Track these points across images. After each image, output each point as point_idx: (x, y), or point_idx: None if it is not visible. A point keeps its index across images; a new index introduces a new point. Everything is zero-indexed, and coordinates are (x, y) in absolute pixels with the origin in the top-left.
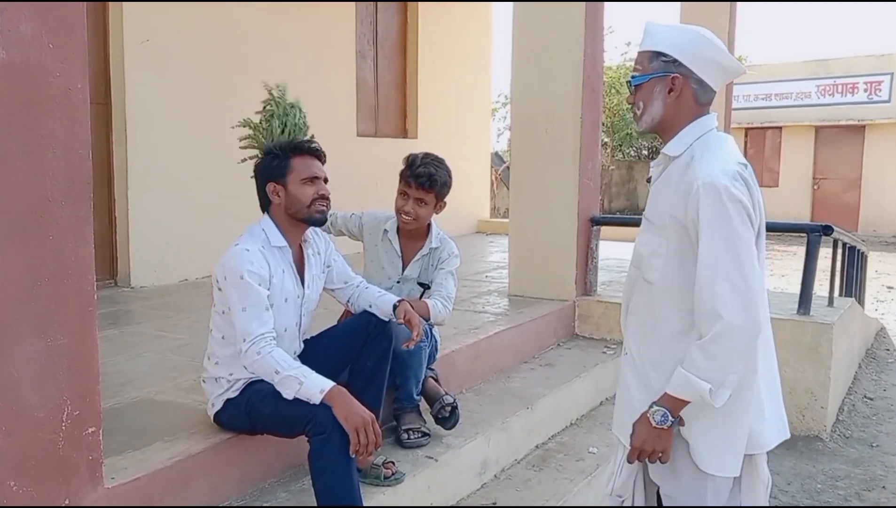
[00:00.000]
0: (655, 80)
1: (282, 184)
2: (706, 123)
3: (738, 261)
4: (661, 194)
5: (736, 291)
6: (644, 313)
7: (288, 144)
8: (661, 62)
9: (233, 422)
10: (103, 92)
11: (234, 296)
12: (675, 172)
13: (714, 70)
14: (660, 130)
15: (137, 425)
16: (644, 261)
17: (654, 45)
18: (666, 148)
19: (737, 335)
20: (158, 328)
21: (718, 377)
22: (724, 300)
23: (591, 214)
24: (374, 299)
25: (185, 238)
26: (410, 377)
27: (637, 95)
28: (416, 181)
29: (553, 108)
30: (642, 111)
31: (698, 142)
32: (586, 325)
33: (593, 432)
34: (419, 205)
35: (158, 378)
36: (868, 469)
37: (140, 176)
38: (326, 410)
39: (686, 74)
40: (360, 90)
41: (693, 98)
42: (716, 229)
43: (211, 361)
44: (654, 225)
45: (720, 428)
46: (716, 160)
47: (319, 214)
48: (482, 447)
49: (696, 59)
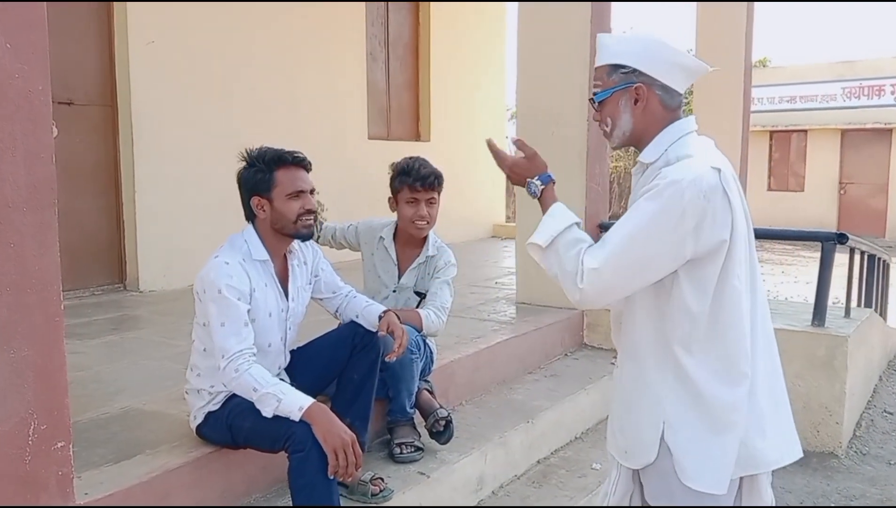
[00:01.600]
0: (618, 93)
1: (266, 198)
2: (682, 126)
3: (627, 253)
4: (635, 201)
5: (607, 259)
6: (628, 327)
7: (272, 157)
8: (620, 74)
9: (215, 436)
10: (109, 94)
11: (213, 310)
12: (649, 179)
13: (676, 72)
14: (633, 143)
15: (121, 437)
16: None
17: (609, 59)
18: (642, 155)
19: (572, 291)
20: (160, 334)
21: (549, 256)
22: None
23: (599, 219)
24: (360, 310)
25: (193, 242)
26: (402, 389)
27: (603, 112)
28: (423, 183)
29: (559, 110)
30: (612, 127)
31: (673, 146)
32: (595, 334)
33: (598, 446)
34: (430, 206)
35: (151, 387)
36: (885, 489)
37: (148, 179)
38: (305, 427)
39: (648, 81)
40: (372, 92)
41: (660, 105)
42: (637, 209)
43: (193, 373)
44: None
45: (705, 441)
46: (687, 164)
47: (306, 229)
48: (478, 462)
49: (654, 64)
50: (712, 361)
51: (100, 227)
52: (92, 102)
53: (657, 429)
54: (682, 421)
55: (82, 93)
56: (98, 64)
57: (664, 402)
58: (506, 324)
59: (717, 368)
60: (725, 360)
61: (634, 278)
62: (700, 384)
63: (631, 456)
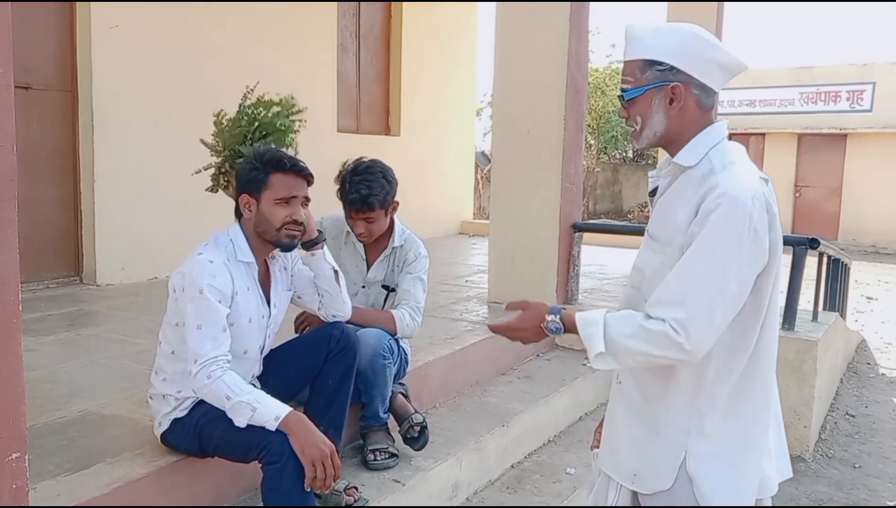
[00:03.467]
0: (652, 91)
1: (255, 198)
2: (718, 130)
3: (718, 289)
4: (668, 208)
5: (697, 309)
6: None
7: (270, 158)
8: (656, 71)
9: (181, 444)
10: (69, 79)
11: (191, 311)
12: (689, 185)
13: (715, 71)
14: (664, 144)
15: (80, 443)
16: (646, 281)
17: (644, 53)
18: (678, 157)
19: (671, 349)
20: (119, 331)
21: (618, 353)
22: (681, 316)
23: (573, 219)
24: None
25: (154, 234)
26: (375, 396)
27: (632, 110)
28: (352, 208)
29: (536, 109)
30: (641, 127)
31: (714, 150)
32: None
33: (571, 450)
34: (369, 223)
35: (110, 389)
36: (851, 493)
37: (108, 168)
38: (282, 437)
39: (686, 80)
40: (342, 85)
41: (697, 105)
42: (714, 241)
43: (158, 376)
44: (658, 242)
45: (733, 469)
46: (740, 173)
47: (288, 239)
48: (454, 468)
49: (694, 62)
50: (753, 384)
51: (56, 217)
52: (51, 87)
53: (677, 457)
54: (709, 452)
55: (41, 77)
56: (58, 47)
57: (692, 432)
58: (478, 324)
59: (757, 394)
60: (763, 380)
61: (728, 307)
62: (737, 412)
63: (640, 480)
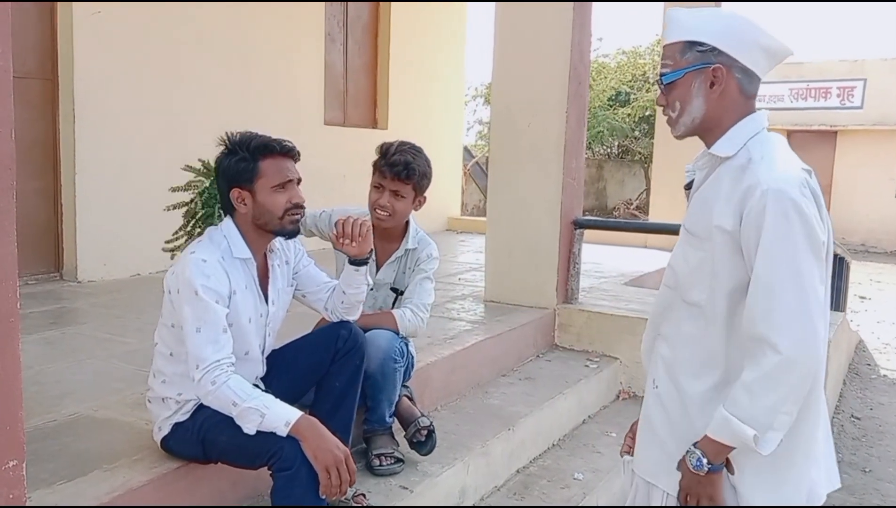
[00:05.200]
0: (692, 74)
1: (249, 190)
2: (758, 119)
3: (801, 285)
4: (706, 202)
5: (795, 319)
6: (686, 342)
7: (257, 145)
8: (696, 53)
9: (183, 449)
10: (49, 67)
11: (188, 313)
12: (727, 177)
13: (759, 55)
14: (701, 132)
15: (73, 448)
16: (682, 280)
17: (684, 34)
18: (714, 148)
19: (791, 371)
20: (105, 329)
21: (766, 420)
22: (781, 330)
23: (574, 215)
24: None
25: (137, 229)
26: (382, 399)
27: (671, 95)
28: (391, 171)
29: (537, 100)
30: (679, 113)
31: (753, 141)
32: (567, 335)
33: (577, 454)
34: (396, 198)
35: (101, 391)
36: (863, 498)
37: (89, 160)
38: (293, 443)
39: (728, 63)
40: (329, 76)
41: (739, 90)
42: (779, 247)
43: (157, 379)
44: (696, 237)
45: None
46: (781, 164)
47: (292, 225)
48: (461, 474)
49: (737, 44)
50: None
51: (35, 210)
52: (30, 75)
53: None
54: (753, 457)
55: (19, 64)
56: (38, 33)
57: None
58: (477, 324)
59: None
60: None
61: (817, 303)
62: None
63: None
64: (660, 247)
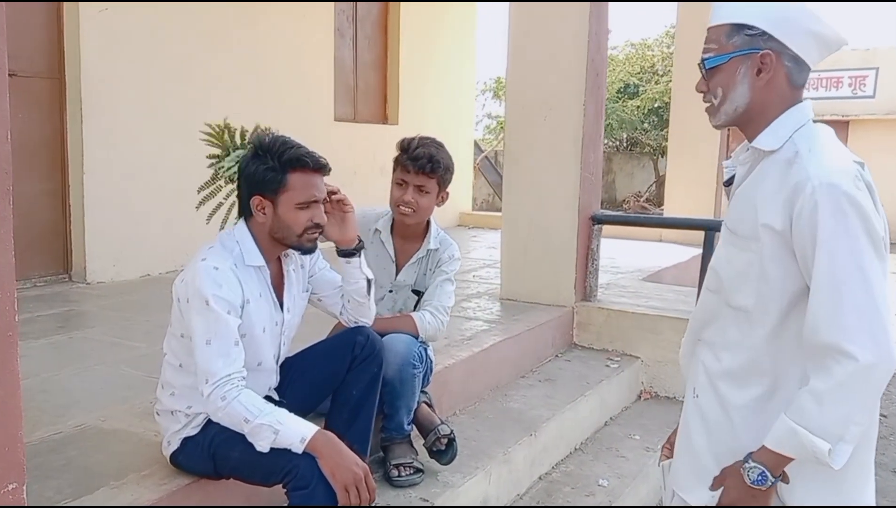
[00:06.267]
0: (738, 59)
1: (271, 201)
2: (805, 111)
3: (868, 284)
4: (750, 199)
5: (866, 321)
6: (730, 349)
7: (290, 157)
8: (744, 37)
9: (193, 465)
10: (56, 66)
11: (198, 324)
12: (772, 172)
13: (811, 43)
14: (743, 122)
15: (79, 463)
16: (727, 283)
17: (733, 17)
18: (757, 141)
19: (868, 378)
20: (114, 333)
21: (838, 431)
22: (852, 334)
23: (592, 211)
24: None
25: (147, 229)
26: (401, 406)
27: (713, 81)
28: (414, 165)
29: (553, 93)
30: (721, 100)
31: (799, 133)
32: (586, 334)
33: (600, 459)
34: (420, 193)
35: (109, 399)
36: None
37: (97, 159)
38: (310, 460)
39: (778, 49)
40: (339, 71)
41: (787, 79)
42: (839, 244)
43: (165, 391)
44: (740, 237)
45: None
46: (831, 157)
47: (310, 243)
48: (482, 483)
49: (789, 29)
50: None
51: (43, 211)
52: (37, 74)
53: None
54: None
55: (26, 63)
56: (45, 31)
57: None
58: (494, 323)
59: None
60: None
61: (884, 298)
62: None
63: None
64: (675, 241)
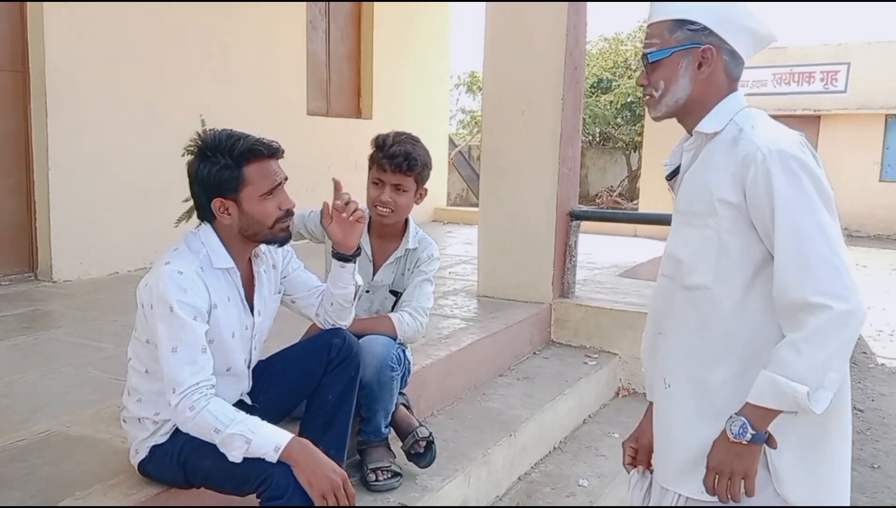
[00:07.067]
0: (680, 54)
1: (233, 200)
2: (740, 98)
3: (829, 238)
4: (700, 179)
5: (835, 272)
6: (696, 330)
7: (243, 149)
8: (687, 32)
9: (163, 473)
10: (20, 58)
11: (163, 331)
12: (718, 151)
13: (748, 39)
14: (683, 114)
15: (43, 472)
16: (685, 264)
17: (673, 13)
18: (700, 126)
19: (844, 324)
20: (80, 334)
21: (816, 378)
22: (824, 285)
23: (570, 207)
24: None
25: (115, 225)
26: (378, 410)
27: (655, 75)
28: (391, 164)
29: (531, 87)
30: (663, 93)
31: (739, 115)
32: (563, 331)
33: (580, 458)
34: (397, 192)
35: (75, 404)
36: (875, 497)
37: (63, 155)
38: (284, 468)
39: (717, 44)
40: (311, 65)
41: (724, 72)
42: (796, 205)
43: (132, 397)
44: (696, 215)
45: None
46: (774, 129)
47: (283, 233)
48: (462, 486)
49: (728, 25)
50: None
51: (7, 208)
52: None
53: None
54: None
55: None
56: (7, 23)
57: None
58: (472, 321)
59: None
60: None
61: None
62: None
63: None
64: (650, 236)
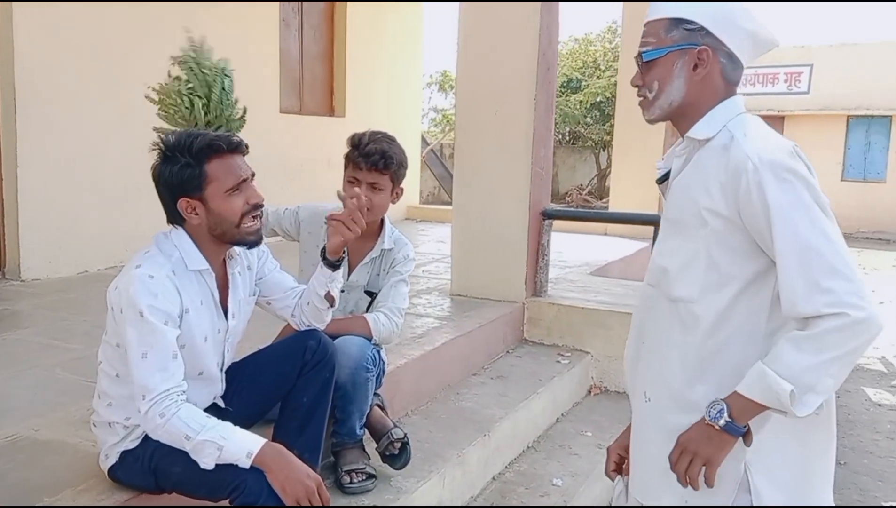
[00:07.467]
0: (676, 53)
1: (199, 199)
2: (738, 103)
3: (834, 245)
4: (689, 188)
5: (849, 281)
6: (678, 345)
7: (200, 146)
8: (683, 31)
9: (133, 479)
10: None
11: (133, 336)
12: (709, 159)
13: (747, 41)
14: (677, 116)
15: (11, 478)
16: (671, 276)
17: (670, 11)
18: (693, 131)
19: (856, 333)
20: (49, 334)
21: (808, 380)
22: (840, 297)
23: (542, 206)
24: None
25: (85, 223)
26: (354, 411)
27: (649, 75)
28: (366, 162)
29: (504, 86)
30: (657, 94)
31: (733, 122)
32: (536, 329)
33: (553, 457)
34: (373, 191)
35: (43, 407)
36: (843, 494)
37: (32, 152)
38: (258, 474)
39: (714, 45)
40: (284, 63)
41: (721, 75)
42: (794, 214)
43: (102, 401)
44: (684, 226)
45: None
46: (766, 137)
47: (252, 233)
48: (436, 487)
49: (727, 27)
50: None
51: None
52: None
53: (736, 471)
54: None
55: None
56: None
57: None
58: (446, 320)
59: None
60: None
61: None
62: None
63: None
64: (620, 235)
